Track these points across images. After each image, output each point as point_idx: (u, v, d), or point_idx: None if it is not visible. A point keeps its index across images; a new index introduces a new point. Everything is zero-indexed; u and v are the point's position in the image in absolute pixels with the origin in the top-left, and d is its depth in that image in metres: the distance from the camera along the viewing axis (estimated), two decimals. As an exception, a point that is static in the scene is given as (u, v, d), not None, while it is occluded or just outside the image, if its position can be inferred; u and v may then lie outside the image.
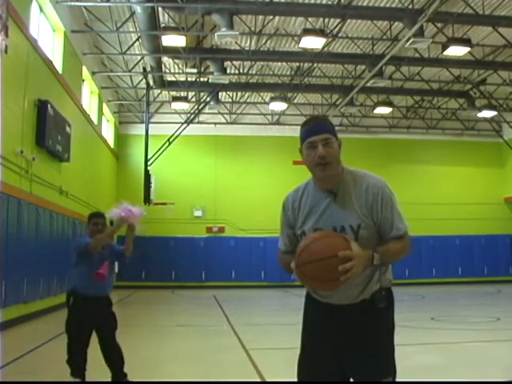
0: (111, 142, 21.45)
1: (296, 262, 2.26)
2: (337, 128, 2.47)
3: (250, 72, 18.46)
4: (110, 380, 4.93)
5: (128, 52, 16.12)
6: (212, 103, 20.03)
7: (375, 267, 2.37)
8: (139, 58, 17.15)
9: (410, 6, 13.13)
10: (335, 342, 2.40)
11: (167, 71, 18.61)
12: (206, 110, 21.53)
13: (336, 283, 2.21)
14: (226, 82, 17.45)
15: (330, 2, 13.49)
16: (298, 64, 17.95)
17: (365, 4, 13.74)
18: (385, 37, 15.09)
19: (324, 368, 2.41)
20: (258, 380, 5.42)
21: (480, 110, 20.63)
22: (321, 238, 2.27)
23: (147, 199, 18.98)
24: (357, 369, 2.37)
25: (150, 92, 19.66)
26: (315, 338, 2.46)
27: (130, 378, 4.96)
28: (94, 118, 17.83)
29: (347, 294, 2.36)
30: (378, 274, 2.39)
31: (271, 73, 18.91)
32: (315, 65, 17.78)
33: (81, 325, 4.82)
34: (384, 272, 2.42)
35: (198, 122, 22.30)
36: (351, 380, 2.44)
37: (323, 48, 15.57)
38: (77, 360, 4.83)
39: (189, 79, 19.06)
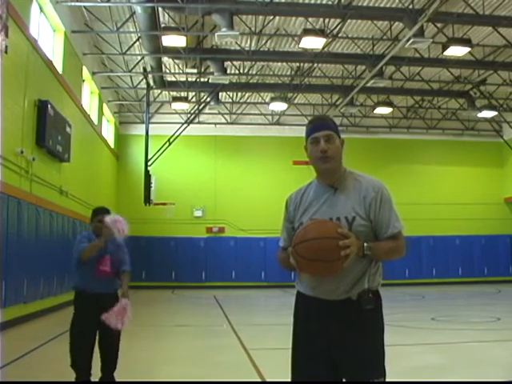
0: (111, 142, 21.44)
1: (293, 242, 2.35)
2: (337, 128, 2.52)
3: (250, 72, 18.45)
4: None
5: (128, 52, 16.12)
6: (212, 103, 20.02)
7: (366, 266, 2.42)
8: (139, 58, 17.15)
9: (410, 6, 13.12)
10: (325, 341, 2.43)
11: (167, 71, 18.61)
12: (206, 110, 21.52)
13: (332, 264, 2.27)
14: (226, 82, 17.43)
15: (330, 2, 13.49)
16: (298, 64, 17.93)
17: (365, 4, 13.73)
18: (385, 37, 15.09)
19: (316, 368, 2.44)
20: (258, 380, 5.42)
21: (480, 110, 20.62)
22: (315, 222, 2.41)
23: (147, 199, 18.99)
24: (347, 369, 2.41)
25: (150, 92, 19.65)
26: (306, 337, 2.49)
27: (131, 378, 4.96)
28: (94, 119, 17.82)
29: (334, 287, 2.40)
30: (368, 274, 2.43)
31: (271, 73, 18.90)
32: (315, 65, 17.77)
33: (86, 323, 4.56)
34: (374, 273, 2.46)
35: (198, 123, 22.30)
36: (343, 380, 2.47)
37: (323, 48, 15.56)
38: (81, 362, 4.49)
39: (189, 79, 19.05)
